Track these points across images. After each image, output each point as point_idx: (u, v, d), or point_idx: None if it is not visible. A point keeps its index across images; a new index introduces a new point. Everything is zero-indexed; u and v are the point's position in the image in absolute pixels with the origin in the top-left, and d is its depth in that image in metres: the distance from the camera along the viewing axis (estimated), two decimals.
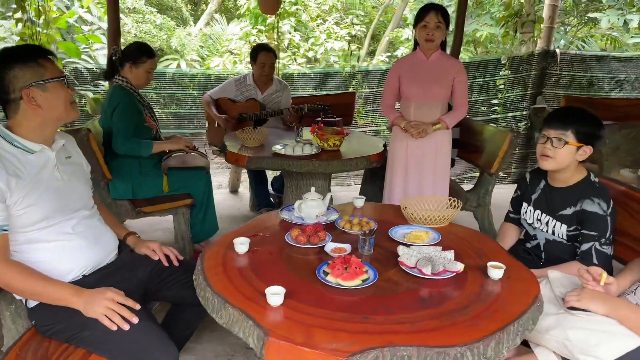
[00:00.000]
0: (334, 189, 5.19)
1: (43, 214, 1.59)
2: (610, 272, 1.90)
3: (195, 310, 2.03)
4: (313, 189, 2.01)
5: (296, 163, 2.93)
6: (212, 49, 9.44)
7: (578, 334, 1.42)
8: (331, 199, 2.06)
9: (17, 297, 1.68)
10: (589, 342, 1.39)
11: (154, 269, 1.86)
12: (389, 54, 9.18)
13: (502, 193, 3.76)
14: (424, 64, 2.87)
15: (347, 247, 1.72)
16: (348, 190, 5.13)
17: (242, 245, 1.69)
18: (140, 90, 3.00)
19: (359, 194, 4.10)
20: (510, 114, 6.27)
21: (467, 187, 3.59)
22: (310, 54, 8.24)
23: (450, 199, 2.07)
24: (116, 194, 2.89)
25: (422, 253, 1.65)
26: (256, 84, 4.12)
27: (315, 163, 2.93)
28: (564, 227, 1.96)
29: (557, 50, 6.16)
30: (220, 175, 5.41)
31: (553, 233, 2.01)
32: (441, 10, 2.77)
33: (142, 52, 2.89)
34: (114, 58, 2.89)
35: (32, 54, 1.59)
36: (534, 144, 4.80)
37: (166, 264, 1.88)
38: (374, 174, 3.80)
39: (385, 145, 3.51)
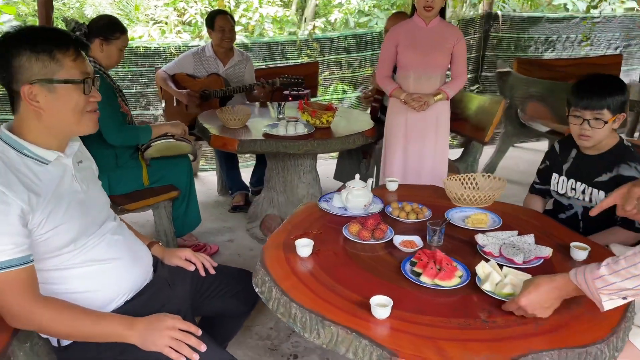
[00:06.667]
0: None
1: (72, 235, 1.29)
2: None
3: (233, 321, 1.83)
4: (357, 176, 1.82)
5: (293, 144, 2.72)
6: (131, 17, 8.63)
7: None
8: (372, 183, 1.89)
9: (43, 336, 1.38)
10: None
11: (193, 281, 1.61)
12: (324, 19, 8.90)
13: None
14: (423, 31, 2.73)
15: (417, 239, 1.58)
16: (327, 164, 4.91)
17: (305, 248, 1.50)
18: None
19: (336, 170, 3.97)
20: None
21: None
22: (244, 21, 7.79)
23: (494, 177, 1.99)
24: None
25: (500, 240, 1.55)
26: (216, 54, 3.78)
27: (313, 143, 2.73)
28: (602, 193, 1.94)
29: (499, 13, 6.27)
30: None
31: (590, 201, 1.98)
32: None
33: (114, 27, 2.49)
34: (77, 34, 2.46)
35: (48, 41, 1.23)
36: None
37: (203, 273, 1.64)
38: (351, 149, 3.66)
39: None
